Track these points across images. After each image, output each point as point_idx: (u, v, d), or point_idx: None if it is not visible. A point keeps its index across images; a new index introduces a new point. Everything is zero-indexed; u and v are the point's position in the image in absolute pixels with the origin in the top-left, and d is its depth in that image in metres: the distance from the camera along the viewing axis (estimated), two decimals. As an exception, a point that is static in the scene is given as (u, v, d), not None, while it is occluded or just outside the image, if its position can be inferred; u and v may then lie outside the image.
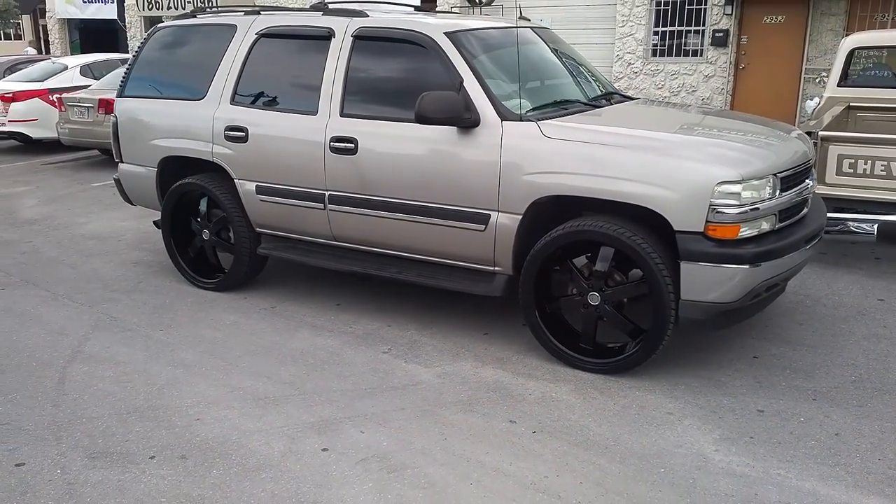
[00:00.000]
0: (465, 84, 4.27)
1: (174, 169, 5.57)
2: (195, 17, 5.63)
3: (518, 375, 4.14)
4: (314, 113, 4.77)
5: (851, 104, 7.32)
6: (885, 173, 5.84)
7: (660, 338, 3.91)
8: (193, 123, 5.29)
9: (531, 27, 5.20)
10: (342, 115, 4.68)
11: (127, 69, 5.77)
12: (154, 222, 6.01)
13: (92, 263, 6.32)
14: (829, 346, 4.49)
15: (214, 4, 18.46)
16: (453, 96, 4.14)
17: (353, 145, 4.59)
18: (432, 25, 4.50)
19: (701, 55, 13.38)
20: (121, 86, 5.80)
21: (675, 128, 4.20)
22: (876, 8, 11.72)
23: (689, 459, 3.31)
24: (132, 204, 6.15)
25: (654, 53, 13.88)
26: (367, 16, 4.80)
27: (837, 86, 7.70)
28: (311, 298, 5.37)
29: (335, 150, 4.66)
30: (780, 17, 12.58)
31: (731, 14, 12.82)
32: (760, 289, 3.88)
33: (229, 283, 5.49)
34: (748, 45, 12.97)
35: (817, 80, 9.13)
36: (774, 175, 3.86)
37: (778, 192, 3.87)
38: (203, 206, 5.50)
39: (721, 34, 12.99)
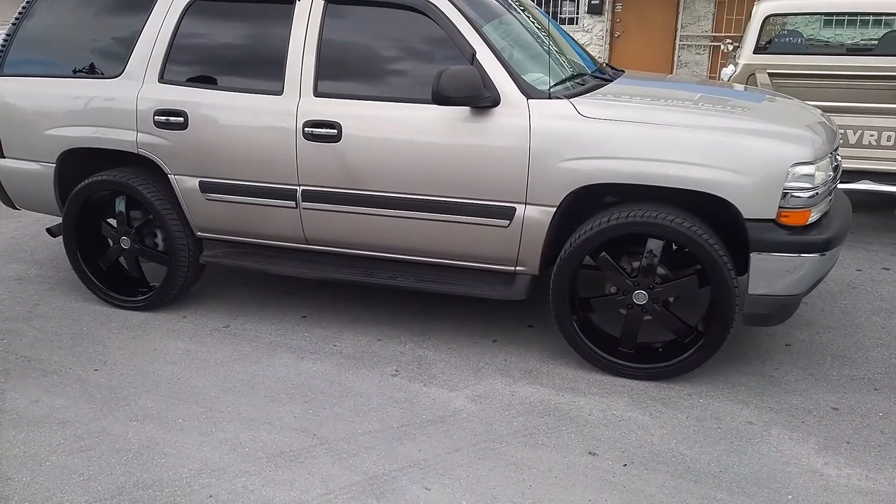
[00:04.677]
0: (478, 57, 3.62)
1: (79, 164, 4.49)
2: (96, -27, 4.52)
3: (561, 391, 3.62)
4: (279, 93, 3.93)
5: (770, 71, 7.33)
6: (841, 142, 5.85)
7: (723, 338, 3.53)
8: (108, 107, 4.24)
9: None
10: (317, 94, 3.87)
11: (4, 41, 4.56)
12: (48, 230, 4.88)
13: (-40, 284, 5.07)
14: (847, 325, 4.33)
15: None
16: (473, 72, 3.49)
17: (335, 131, 3.81)
18: (428, -14, 3.79)
19: (577, 24, 13.30)
20: (-4, 62, 4.59)
21: (723, 104, 3.82)
22: (746, -24, 12.08)
23: (808, 479, 2.95)
24: (15, 208, 4.96)
25: (530, 21, 13.63)
26: (337, -27, 4.00)
27: (753, 53, 7.72)
28: (269, 312, 4.54)
29: (311, 137, 3.86)
30: (653, -15, 12.71)
31: (607, -19, 12.80)
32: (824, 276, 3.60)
33: (161, 299, 4.53)
34: (623, 13, 13.02)
35: (724, 49, 9.17)
36: (831, 153, 3.56)
37: (832, 171, 3.58)
38: (120, 207, 4.47)
39: (597, 2, 12.96)
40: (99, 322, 4.43)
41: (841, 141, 5.67)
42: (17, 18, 4.55)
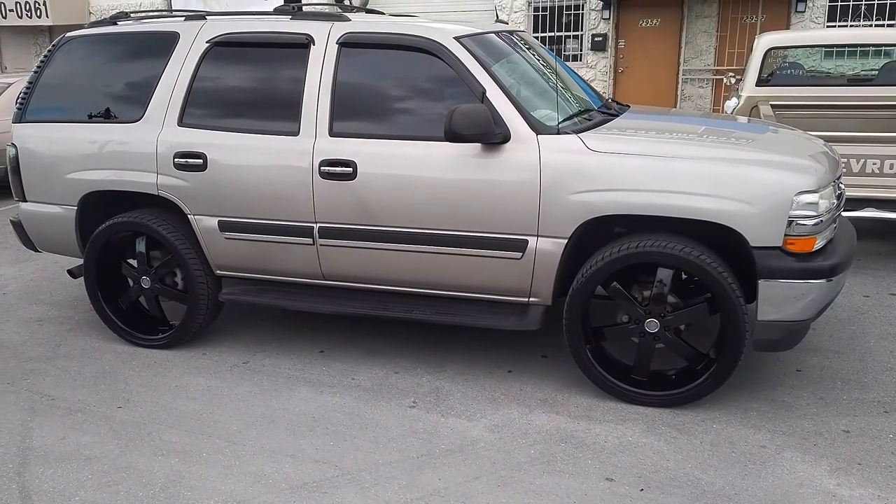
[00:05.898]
0: (488, 95, 3.75)
1: (99, 206, 4.62)
2: (115, 24, 4.70)
3: (577, 419, 3.68)
4: (295, 133, 4.06)
5: (773, 103, 7.46)
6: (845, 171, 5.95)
7: (733, 364, 3.60)
8: (129, 150, 4.38)
9: (514, 31, 4.76)
10: (332, 134, 4.01)
11: (27, 88, 4.73)
12: (69, 271, 5.00)
13: (-17, 326, 5.18)
14: (856, 350, 4.38)
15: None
16: (484, 109, 3.62)
17: (350, 169, 3.94)
18: (438, 30, 3.94)
19: (581, 60, 13.52)
20: (19, 109, 4.74)
21: (728, 136, 3.94)
22: (745, 11, 12.32)
23: (821, 500, 2.99)
24: (37, 251, 5.09)
25: (534, 58, 13.89)
26: (349, 19, 4.16)
27: (755, 85, 7.85)
28: (286, 347, 4.62)
29: (327, 176, 3.98)
30: (655, 21, 12.94)
31: (609, 19, 13.05)
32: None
33: (181, 337, 4.62)
34: (626, 49, 13.25)
35: (727, 83, 9.33)
36: (835, 181, 3.66)
37: (836, 199, 3.68)
38: (140, 248, 4.59)
39: (600, 39, 13.19)
40: (120, 360, 4.52)
41: (844, 170, 5.77)
42: (38, 67, 4.72)
